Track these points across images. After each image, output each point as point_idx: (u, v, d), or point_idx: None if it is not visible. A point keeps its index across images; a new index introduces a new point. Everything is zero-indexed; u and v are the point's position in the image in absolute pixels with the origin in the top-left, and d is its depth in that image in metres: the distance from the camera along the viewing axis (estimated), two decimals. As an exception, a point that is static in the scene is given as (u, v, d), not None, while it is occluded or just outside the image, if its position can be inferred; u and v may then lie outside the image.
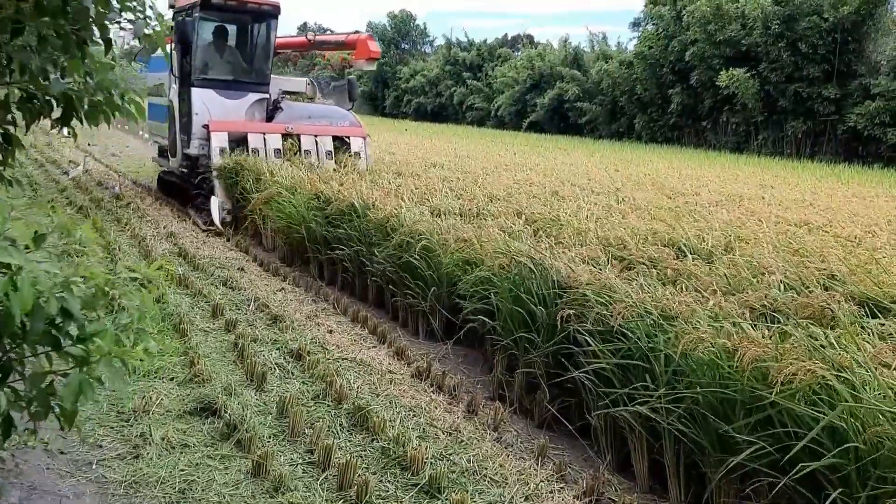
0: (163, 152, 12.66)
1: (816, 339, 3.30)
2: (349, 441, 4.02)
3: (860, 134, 26.63)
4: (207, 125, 10.17)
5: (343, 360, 5.20)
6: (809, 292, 4.12)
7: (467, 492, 3.54)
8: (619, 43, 60.85)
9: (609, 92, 37.13)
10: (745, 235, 6.24)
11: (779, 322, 3.75)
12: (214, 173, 9.99)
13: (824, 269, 4.83)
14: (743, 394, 3.29)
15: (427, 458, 3.77)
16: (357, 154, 10.78)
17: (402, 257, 6.19)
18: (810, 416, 3.01)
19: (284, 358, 5.15)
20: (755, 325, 3.71)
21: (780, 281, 4.49)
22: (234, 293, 6.66)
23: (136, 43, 2.85)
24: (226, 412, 4.13)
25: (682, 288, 4.26)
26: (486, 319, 5.11)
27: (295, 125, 10.58)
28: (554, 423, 4.47)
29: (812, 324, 3.64)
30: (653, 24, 35.20)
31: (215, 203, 9.88)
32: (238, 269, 7.63)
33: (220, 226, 9.65)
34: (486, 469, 3.81)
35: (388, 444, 3.91)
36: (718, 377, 3.42)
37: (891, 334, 3.50)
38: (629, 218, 6.92)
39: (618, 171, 14.07)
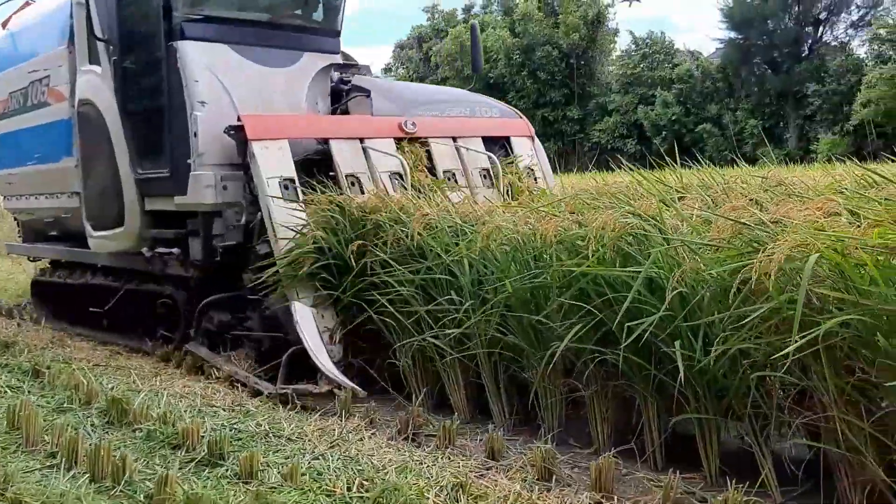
0: (41, 236, 6.45)
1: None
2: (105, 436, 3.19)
3: (604, 147, 29.00)
4: (241, 126, 4.21)
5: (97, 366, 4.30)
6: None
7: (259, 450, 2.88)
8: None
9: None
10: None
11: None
12: (281, 245, 3.96)
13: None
14: (553, 276, 2.96)
15: (205, 432, 3.07)
16: (529, 171, 5.23)
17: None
18: (625, 278, 2.73)
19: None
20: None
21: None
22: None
23: None
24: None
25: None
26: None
27: (416, 120, 4.87)
28: (364, 380, 3.79)
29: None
30: (403, 67, 36.33)
31: (309, 322, 3.86)
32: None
33: (340, 377, 3.65)
34: (280, 430, 3.17)
35: (154, 425, 3.15)
36: (526, 268, 3.09)
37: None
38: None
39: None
